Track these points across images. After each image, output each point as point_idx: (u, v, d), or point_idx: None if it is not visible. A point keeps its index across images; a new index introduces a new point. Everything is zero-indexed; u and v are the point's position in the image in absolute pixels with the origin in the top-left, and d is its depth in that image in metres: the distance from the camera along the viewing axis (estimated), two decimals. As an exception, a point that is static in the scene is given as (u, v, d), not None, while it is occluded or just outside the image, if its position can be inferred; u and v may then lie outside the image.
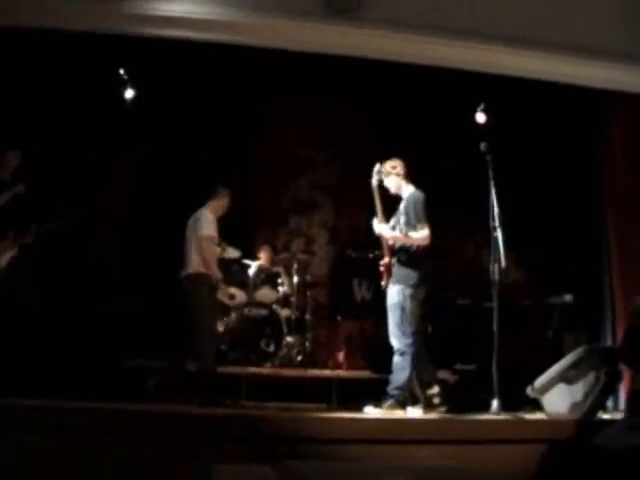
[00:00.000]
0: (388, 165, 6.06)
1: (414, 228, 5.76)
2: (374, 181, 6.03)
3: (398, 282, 5.77)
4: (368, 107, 9.14)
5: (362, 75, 8.00)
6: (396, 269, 5.84)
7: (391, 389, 5.60)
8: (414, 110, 8.59)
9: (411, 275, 5.75)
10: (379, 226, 5.93)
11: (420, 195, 5.90)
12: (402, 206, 5.95)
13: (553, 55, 6.29)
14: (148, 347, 6.89)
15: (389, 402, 5.54)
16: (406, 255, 5.82)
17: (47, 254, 6.48)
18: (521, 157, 8.12)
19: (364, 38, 6.18)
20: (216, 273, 6.27)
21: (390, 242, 5.91)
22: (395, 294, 5.74)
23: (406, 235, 5.78)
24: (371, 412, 5.48)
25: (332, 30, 6.09)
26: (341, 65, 7.28)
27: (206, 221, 6.30)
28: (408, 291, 5.69)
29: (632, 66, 6.40)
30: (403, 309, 5.66)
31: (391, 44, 6.23)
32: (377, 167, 6.08)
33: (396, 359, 5.64)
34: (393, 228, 5.94)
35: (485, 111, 6.66)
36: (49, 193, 6.56)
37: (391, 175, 6.03)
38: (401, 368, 5.59)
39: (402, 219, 5.87)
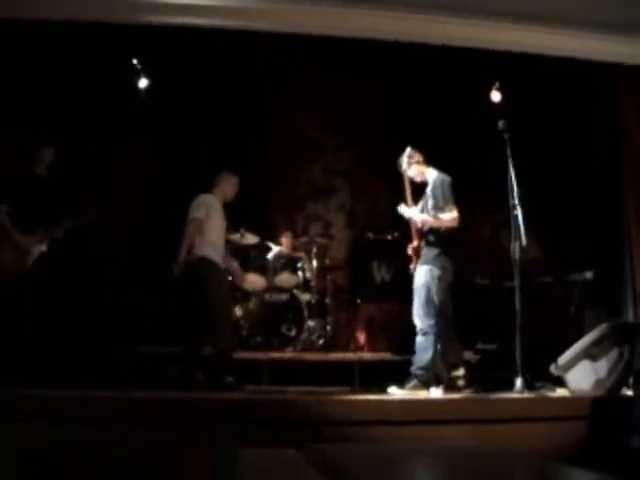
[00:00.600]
0: (405, 157, 6.06)
1: (442, 210, 5.78)
2: (404, 165, 6.03)
3: (426, 263, 5.80)
4: (381, 89, 9.10)
5: (374, 57, 7.95)
6: (425, 251, 5.87)
7: (414, 369, 5.61)
8: (428, 91, 8.52)
9: (439, 257, 5.79)
10: (408, 210, 5.95)
11: (446, 178, 5.92)
12: (428, 190, 5.96)
13: (561, 30, 6.26)
14: (164, 334, 6.92)
15: (412, 383, 5.56)
16: (434, 237, 5.85)
17: (64, 247, 6.51)
18: (539, 135, 8.05)
19: (375, 20, 6.18)
20: (182, 255, 6.11)
21: (419, 225, 5.92)
22: (423, 275, 5.77)
23: (435, 217, 5.80)
24: (395, 393, 5.50)
25: (343, 13, 6.11)
26: (352, 47, 7.24)
27: (197, 203, 6.30)
28: (436, 272, 5.73)
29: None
30: (429, 290, 5.69)
31: (402, 25, 6.24)
32: (407, 152, 6.08)
33: (419, 339, 5.65)
34: (421, 211, 5.95)
35: (500, 89, 6.63)
36: (69, 186, 6.58)
37: (412, 165, 6.04)
38: (424, 348, 5.60)
39: (430, 202, 5.89)
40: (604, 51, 6.56)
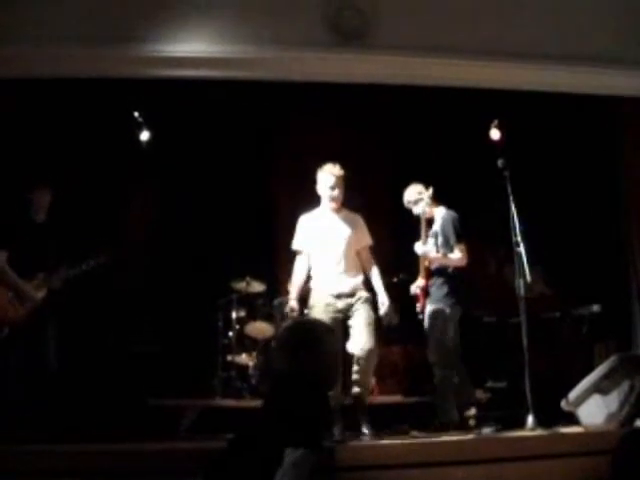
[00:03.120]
0: (413, 192, 6.08)
1: (451, 249, 5.80)
2: (413, 201, 6.03)
3: (438, 302, 5.81)
4: (380, 131, 9.19)
5: (372, 99, 8.05)
6: (435, 290, 5.88)
7: (438, 411, 5.59)
8: (427, 131, 8.62)
9: (450, 295, 5.83)
10: (423, 247, 5.93)
11: (455, 214, 5.97)
12: (437, 227, 5.97)
13: (560, 66, 6.32)
14: (174, 386, 6.90)
15: (435, 424, 5.53)
16: (444, 275, 5.86)
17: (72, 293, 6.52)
18: (539, 170, 8.11)
19: (375, 64, 6.24)
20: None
21: (433, 264, 5.91)
22: (435, 314, 5.76)
23: (446, 256, 5.82)
24: (418, 436, 5.46)
25: (342, 58, 6.17)
26: (352, 92, 7.34)
27: None
28: (447, 311, 5.74)
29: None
30: (442, 330, 5.69)
31: (401, 68, 6.30)
32: (416, 188, 6.09)
33: (438, 381, 5.63)
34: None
35: (499, 127, 6.68)
36: (73, 234, 6.62)
37: (421, 201, 6.05)
38: (444, 389, 5.59)
39: (440, 240, 5.90)
40: (604, 84, 6.61)
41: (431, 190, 6.10)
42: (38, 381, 5.61)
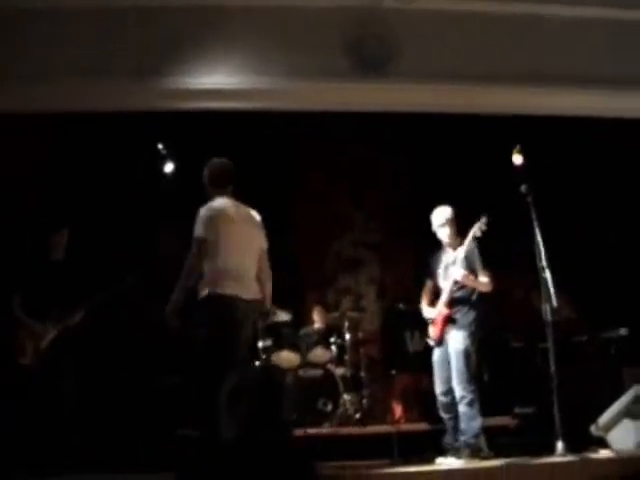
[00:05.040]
0: (442, 214, 6.05)
1: (475, 275, 5.79)
2: (478, 232, 6.00)
3: (464, 328, 5.76)
4: (405, 160, 9.27)
5: (396, 128, 8.12)
6: (461, 317, 5.83)
7: (466, 439, 5.54)
8: (449, 158, 8.65)
9: (474, 321, 5.79)
10: (462, 271, 5.87)
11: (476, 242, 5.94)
12: (463, 253, 5.93)
13: (579, 89, 6.34)
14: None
15: (466, 451, 5.48)
16: (469, 303, 5.85)
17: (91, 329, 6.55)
18: (563, 195, 8.10)
19: (395, 93, 6.28)
20: None
21: (460, 290, 5.88)
22: (462, 341, 5.73)
23: (477, 280, 5.81)
24: (452, 464, 5.40)
25: (364, 88, 6.21)
26: (375, 120, 7.39)
27: None
28: (471, 337, 5.72)
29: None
30: (468, 356, 5.67)
31: (422, 96, 6.34)
32: (447, 212, 6.08)
33: (464, 408, 5.58)
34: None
35: (522, 152, 6.68)
36: (96, 269, 6.68)
37: (449, 226, 6.04)
38: (472, 416, 5.54)
39: (464, 265, 5.86)
40: (624, 107, 6.60)
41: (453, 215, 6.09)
42: (54, 418, 5.62)
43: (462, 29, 6.33)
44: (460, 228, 6.12)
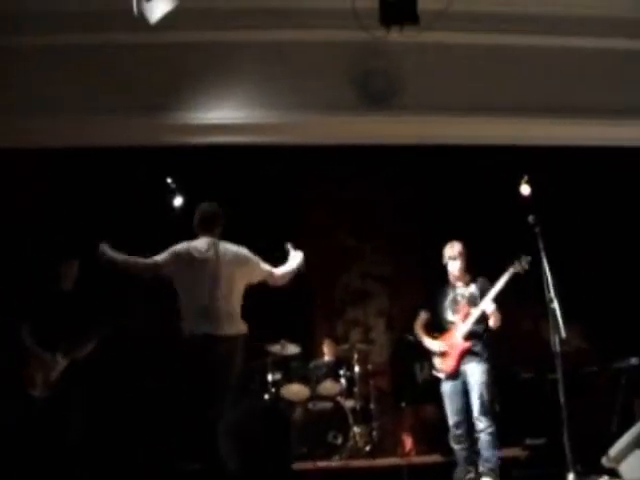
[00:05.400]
0: (455, 248, 6.08)
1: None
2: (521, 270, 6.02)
3: (485, 362, 5.83)
4: (412, 192, 9.29)
5: (402, 160, 8.15)
6: (481, 349, 5.86)
7: (492, 466, 5.54)
8: (455, 190, 8.68)
9: (490, 354, 5.83)
10: (492, 305, 5.88)
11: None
12: (476, 289, 5.98)
13: (591, 120, 6.36)
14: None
15: (491, 475, 5.52)
16: (488, 335, 5.88)
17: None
18: (572, 223, 8.10)
19: (402, 125, 6.31)
20: None
21: (496, 317, 5.88)
22: (484, 374, 5.79)
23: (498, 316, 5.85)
24: None
25: (370, 121, 6.24)
26: (380, 153, 7.43)
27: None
28: (491, 371, 5.75)
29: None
30: (489, 388, 5.70)
31: (429, 128, 6.38)
32: (458, 246, 6.11)
33: (488, 437, 5.60)
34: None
35: (529, 182, 6.70)
36: (105, 301, 6.70)
37: (460, 260, 6.07)
38: (494, 446, 5.58)
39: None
40: (632, 137, 6.62)
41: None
42: (61, 450, 5.61)
43: (466, 62, 6.38)
44: (468, 262, 6.15)
